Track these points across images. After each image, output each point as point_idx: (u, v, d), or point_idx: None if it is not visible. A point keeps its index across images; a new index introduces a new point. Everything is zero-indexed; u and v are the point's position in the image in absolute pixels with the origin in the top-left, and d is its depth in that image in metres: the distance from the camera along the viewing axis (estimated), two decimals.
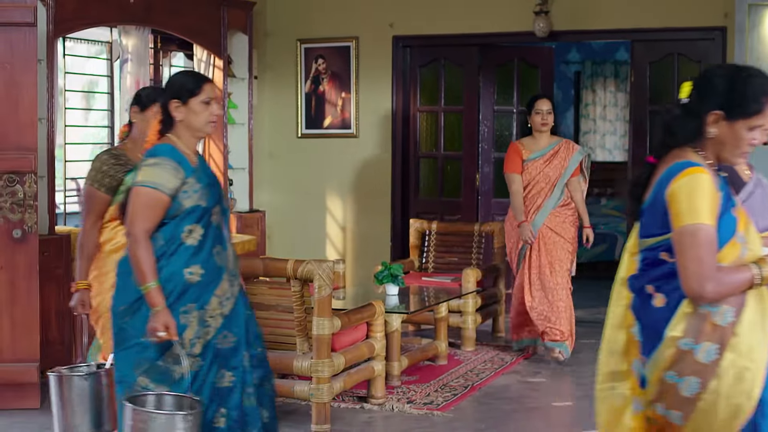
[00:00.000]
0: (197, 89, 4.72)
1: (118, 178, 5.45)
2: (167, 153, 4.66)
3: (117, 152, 5.60)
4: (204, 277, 4.64)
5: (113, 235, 5.44)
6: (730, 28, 9.75)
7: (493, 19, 10.51)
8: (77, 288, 5.52)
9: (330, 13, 11.08)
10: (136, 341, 4.61)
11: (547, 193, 8.52)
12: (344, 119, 11.09)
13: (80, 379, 5.18)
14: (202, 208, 4.65)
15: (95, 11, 8.48)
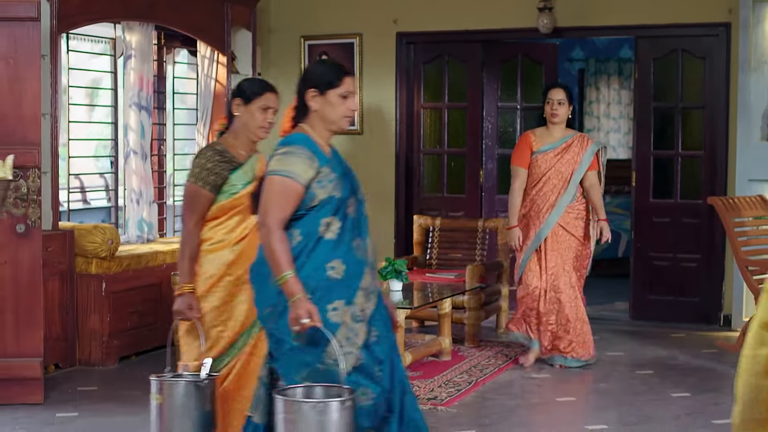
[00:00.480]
0: (337, 81, 4.50)
1: (224, 176, 5.14)
2: (301, 142, 4.44)
3: (220, 148, 5.22)
4: (346, 272, 4.38)
5: (212, 234, 5.18)
6: (734, 24, 9.74)
7: (496, 15, 10.50)
8: (182, 291, 5.15)
9: (334, 9, 11.08)
10: (289, 345, 4.35)
11: (560, 191, 8.09)
12: None
13: (184, 386, 4.82)
14: (337, 198, 4.41)
15: (99, 7, 8.47)
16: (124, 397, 7.35)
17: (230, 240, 5.16)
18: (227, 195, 5.14)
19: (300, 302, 4.22)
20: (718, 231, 9.82)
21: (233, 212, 5.18)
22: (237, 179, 5.15)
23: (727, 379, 8.00)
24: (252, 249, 4.91)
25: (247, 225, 5.17)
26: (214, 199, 5.17)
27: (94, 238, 8.08)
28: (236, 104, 5.25)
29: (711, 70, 10.00)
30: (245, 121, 5.21)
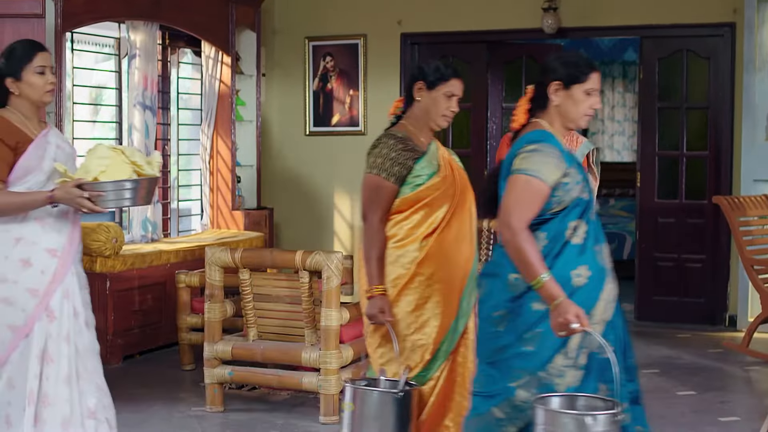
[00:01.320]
0: (584, 77, 4.22)
1: (408, 166, 4.79)
2: (549, 140, 4.15)
3: (401, 135, 4.86)
4: (591, 279, 4.08)
5: (396, 230, 4.83)
6: (739, 24, 9.74)
7: (501, 16, 10.49)
8: (372, 293, 4.79)
9: (338, 10, 11.07)
10: (514, 351, 4.09)
11: None
12: (352, 117, 11.08)
13: (381, 396, 4.57)
14: (585, 201, 4.14)
15: (103, 6, 8.48)
16: (128, 395, 7.33)
17: (417, 236, 4.81)
18: (412, 187, 4.80)
19: (566, 305, 3.91)
20: (722, 231, 9.80)
21: (419, 205, 4.81)
22: (422, 169, 4.81)
23: (733, 378, 8.00)
24: (443, 245, 4.77)
25: (433, 219, 4.81)
26: (398, 192, 4.82)
27: (98, 236, 8.07)
28: (418, 88, 4.90)
29: (716, 70, 9.99)
30: (427, 107, 4.89)
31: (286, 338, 6.78)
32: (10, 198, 4.69)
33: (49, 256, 4.79)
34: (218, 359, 6.84)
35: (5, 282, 4.74)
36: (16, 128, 4.78)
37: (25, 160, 4.76)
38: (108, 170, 4.68)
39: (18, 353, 4.76)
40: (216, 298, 6.87)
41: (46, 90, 4.83)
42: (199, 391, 7.36)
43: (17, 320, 4.74)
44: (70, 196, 4.61)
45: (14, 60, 4.80)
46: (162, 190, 9.82)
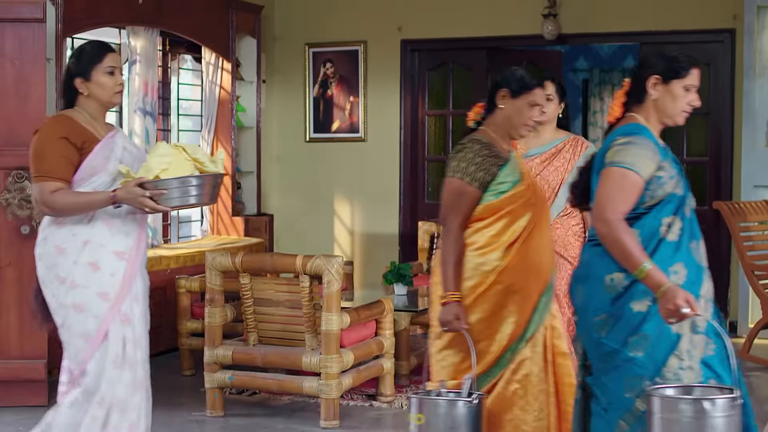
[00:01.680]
0: (684, 72, 4.18)
1: (493, 172, 4.69)
2: (644, 133, 4.10)
3: (486, 140, 4.78)
4: (688, 277, 4.02)
5: (476, 238, 4.72)
6: (739, 30, 9.75)
7: (501, 22, 10.51)
8: (448, 300, 4.68)
9: (338, 17, 11.09)
10: (622, 357, 3.99)
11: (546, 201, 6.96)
12: (352, 123, 11.09)
13: (450, 405, 4.43)
14: (679, 197, 4.08)
15: (104, 11, 8.50)
16: None
17: (499, 244, 4.70)
18: (495, 194, 4.70)
19: (673, 290, 3.83)
20: (723, 237, 9.80)
21: (501, 213, 4.72)
22: (506, 176, 4.72)
23: None
24: (524, 255, 4.68)
25: (516, 228, 4.71)
26: (480, 198, 4.72)
27: None
28: (502, 96, 4.80)
29: (716, 77, 10.00)
30: (510, 115, 4.80)
31: (287, 343, 6.78)
32: (73, 198, 4.60)
33: (117, 258, 4.70)
34: (218, 364, 6.84)
35: (75, 287, 4.64)
36: (82, 128, 4.71)
37: (90, 161, 4.67)
38: (170, 168, 4.56)
39: (95, 362, 4.68)
40: (216, 303, 6.86)
41: (116, 91, 4.78)
42: (199, 396, 7.34)
43: (90, 328, 4.65)
44: (131, 196, 4.50)
45: (84, 60, 4.73)
46: None
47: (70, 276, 4.63)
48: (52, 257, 4.66)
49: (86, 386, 4.70)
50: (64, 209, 4.60)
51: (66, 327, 4.71)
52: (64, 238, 4.66)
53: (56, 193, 4.58)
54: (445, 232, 4.77)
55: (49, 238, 4.69)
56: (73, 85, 4.76)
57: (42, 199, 4.61)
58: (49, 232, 4.70)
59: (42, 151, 4.66)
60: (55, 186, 4.59)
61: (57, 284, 4.66)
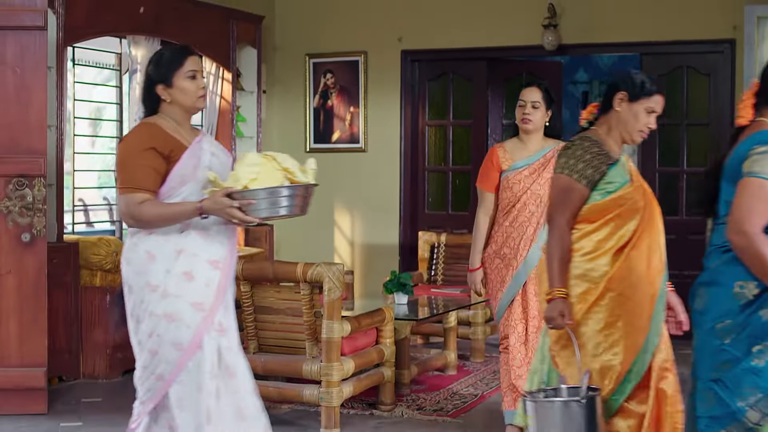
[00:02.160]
0: None
1: (602, 171, 4.53)
2: None
3: (596, 138, 4.62)
4: None
5: (583, 243, 4.56)
6: (739, 40, 9.76)
7: (501, 32, 10.51)
8: (555, 295, 4.48)
9: (338, 27, 11.10)
10: (743, 366, 3.89)
11: (539, 220, 6.23)
12: (353, 133, 11.09)
13: (564, 404, 4.30)
14: None
15: (105, 20, 8.52)
16: (129, 408, 7.22)
17: (607, 249, 4.53)
18: (603, 193, 4.53)
19: None
20: None
21: (610, 216, 4.54)
22: (615, 176, 4.55)
23: None
24: (634, 260, 4.49)
25: (624, 232, 4.52)
26: (588, 197, 4.55)
27: (98, 250, 8.06)
28: (619, 99, 4.63)
29: (716, 87, 10.01)
30: (625, 118, 4.62)
31: (287, 351, 6.77)
32: (160, 209, 4.47)
33: (211, 268, 4.58)
34: None
35: (167, 297, 4.49)
36: (169, 136, 4.57)
37: (179, 169, 4.54)
38: (259, 178, 4.39)
39: (186, 373, 4.53)
40: None
41: (199, 95, 4.64)
42: None
43: (182, 337, 4.50)
44: (219, 206, 4.36)
45: (164, 66, 4.60)
46: None
47: (162, 285, 4.49)
48: (143, 263, 4.52)
49: (179, 397, 4.56)
50: (151, 221, 4.47)
51: (156, 335, 4.53)
52: (156, 244, 4.53)
53: (143, 205, 4.45)
54: (551, 228, 4.59)
55: (139, 243, 4.55)
56: (154, 92, 4.63)
57: (129, 211, 4.48)
58: (139, 238, 4.56)
59: (128, 161, 4.53)
60: (142, 197, 4.46)
61: (147, 291, 4.52)
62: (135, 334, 4.63)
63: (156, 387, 4.60)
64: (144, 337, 4.57)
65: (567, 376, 4.50)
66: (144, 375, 4.62)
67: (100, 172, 9.88)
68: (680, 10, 9.97)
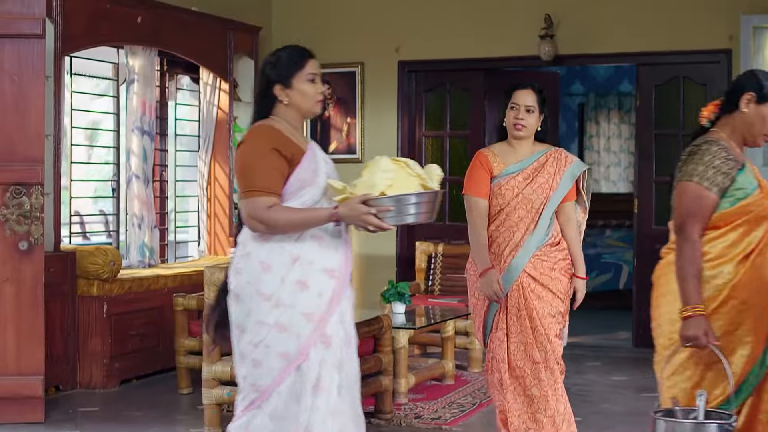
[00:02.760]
0: None
1: (732, 177, 4.36)
2: None
3: (722, 142, 4.45)
4: None
5: (708, 248, 4.37)
6: (735, 50, 9.77)
7: (498, 43, 10.53)
8: (694, 313, 4.25)
9: (335, 38, 11.11)
10: None
11: (528, 226, 5.72)
12: (350, 144, 11.10)
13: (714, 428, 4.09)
14: None
15: (103, 30, 8.51)
16: (126, 417, 7.30)
17: (732, 256, 4.35)
18: (732, 200, 4.36)
19: None
20: None
21: (738, 222, 4.37)
22: (744, 182, 4.38)
23: None
24: (760, 268, 4.33)
25: (752, 239, 4.37)
26: (717, 205, 4.36)
27: (95, 259, 8.05)
28: (747, 99, 4.46)
29: (712, 97, 9.92)
30: (752, 121, 4.47)
31: None
32: (292, 214, 4.25)
33: (326, 277, 4.33)
34: (217, 380, 6.79)
35: (280, 306, 4.28)
36: (288, 139, 4.37)
37: (299, 174, 4.33)
38: (394, 184, 4.21)
39: (287, 385, 4.32)
40: None
41: (317, 99, 4.49)
42: (196, 414, 7.31)
43: (289, 348, 4.28)
44: (355, 213, 4.13)
45: (284, 66, 4.43)
46: (159, 216, 9.81)
47: (275, 294, 4.29)
48: (256, 273, 4.31)
49: (275, 408, 4.34)
50: (281, 227, 4.26)
51: (264, 345, 4.30)
52: (271, 253, 4.30)
53: (273, 209, 4.24)
54: (681, 240, 4.36)
55: (253, 253, 4.32)
56: (271, 92, 4.45)
57: (257, 216, 4.23)
58: (253, 247, 4.33)
59: (254, 163, 4.31)
60: (271, 201, 4.25)
61: (259, 300, 4.31)
62: (237, 343, 4.41)
63: (251, 397, 4.39)
64: (248, 347, 4.35)
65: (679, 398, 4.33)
66: (244, 385, 4.41)
67: (97, 183, 9.87)
68: (676, 20, 9.99)
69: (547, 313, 5.66)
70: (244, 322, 4.35)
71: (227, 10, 10.17)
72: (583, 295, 5.80)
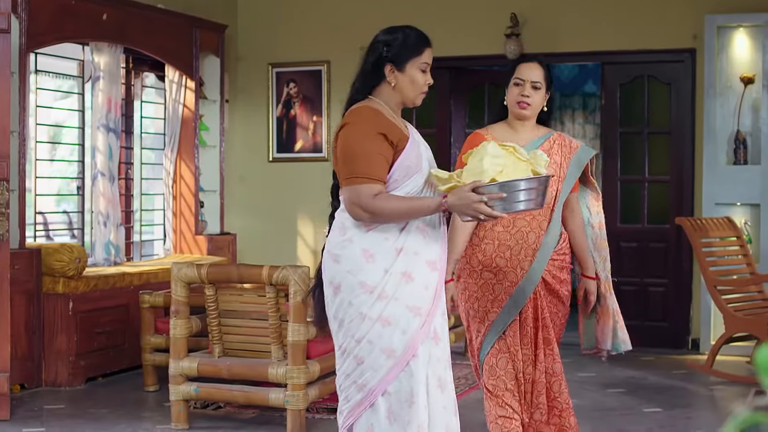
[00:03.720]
0: None
1: None
2: None
3: None
4: None
5: None
6: (699, 49, 9.86)
7: (464, 42, 10.55)
8: None
9: (301, 37, 11.10)
10: None
11: (542, 224, 5.06)
12: (315, 143, 11.09)
13: None
14: None
15: (68, 27, 8.46)
16: (92, 414, 7.26)
17: None
18: None
19: None
20: (685, 255, 9.88)
21: None
22: None
23: (697, 397, 8.03)
24: None
25: None
26: None
27: (61, 256, 8.00)
28: None
29: (677, 96, 10.09)
30: None
31: (253, 354, 6.73)
32: (400, 203, 4.03)
33: (429, 269, 4.16)
34: (183, 376, 6.77)
35: (383, 299, 4.07)
36: (393, 123, 4.16)
37: (403, 160, 4.13)
38: (505, 170, 4.03)
39: (398, 383, 4.10)
40: (181, 315, 6.81)
41: (423, 90, 4.28)
42: (163, 411, 7.29)
43: (395, 344, 4.07)
44: (466, 202, 3.91)
45: (401, 47, 4.23)
46: (124, 213, 9.77)
47: (379, 286, 4.08)
48: (358, 262, 4.10)
49: (388, 407, 4.14)
50: (388, 215, 4.04)
51: (366, 341, 4.10)
52: (375, 242, 4.12)
53: (379, 197, 4.03)
54: None
55: (355, 240, 4.13)
56: (381, 70, 4.25)
57: (362, 204, 4.03)
58: (354, 233, 4.14)
59: (358, 148, 4.09)
60: (376, 189, 4.04)
61: (360, 292, 4.10)
62: (336, 337, 4.23)
63: (357, 398, 4.18)
64: (350, 342, 4.16)
65: None
66: (345, 383, 4.21)
67: (61, 182, 9.80)
68: (641, 19, 10.06)
69: (558, 323, 5.21)
70: (343, 315, 4.16)
71: (193, 7, 10.15)
72: (595, 296, 5.28)
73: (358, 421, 4.19)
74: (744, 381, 8.37)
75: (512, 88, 5.10)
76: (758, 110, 9.69)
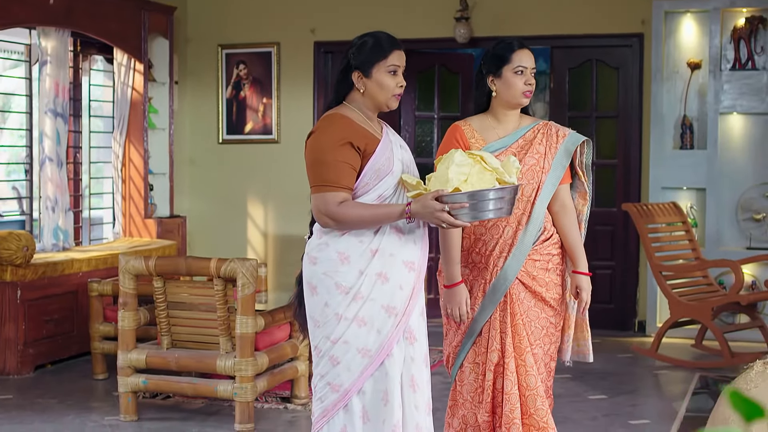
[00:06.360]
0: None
1: None
2: None
3: None
4: None
5: None
6: (647, 34, 9.93)
7: (414, 25, 10.56)
8: None
9: (251, 18, 11.06)
10: None
11: (521, 219, 4.69)
12: (265, 125, 11.07)
13: None
14: None
15: (14, 11, 8.39)
16: (40, 405, 7.24)
17: None
18: None
19: None
20: (632, 238, 9.98)
21: None
22: None
23: (642, 382, 8.12)
24: None
25: None
26: None
27: (8, 245, 7.96)
28: None
29: (625, 80, 10.17)
30: None
31: (201, 346, 6.74)
32: (363, 211, 4.11)
33: (406, 270, 4.22)
34: (132, 368, 6.78)
35: (358, 299, 4.14)
36: (361, 128, 4.22)
37: (374, 163, 4.19)
38: (469, 179, 4.06)
39: (373, 381, 4.18)
40: (129, 306, 6.81)
41: (395, 93, 4.33)
42: (112, 401, 7.29)
43: (370, 343, 4.14)
44: (428, 210, 3.99)
45: (366, 54, 4.30)
46: (73, 198, 9.72)
47: (354, 287, 4.15)
48: (334, 264, 4.17)
49: (363, 406, 4.20)
50: (352, 223, 4.12)
51: (342, 342, 4.15)
52: (350, 244, 4.17)
53: (343, 205, 4.12)
54: None
55: (330, 243, 4.19)
56: (349, 78, 4.32)
57: (327, 211, 4.11)
58: (330, 237, 4.20)
59: (324, 157, 4.15)
60: (342, 197, 4.13)
61: (336, 293, 4.16)
62: (313, 337, 4.28)
63: (331, 399, 4.23)
64: (325, 343, 4.21)
65: None
66: (320, 384, 4.26)
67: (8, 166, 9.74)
68: (590, 4, 10.12)
69: (538, 332, 4.74)
70: (319, 315, 4.22)
71: None
72: (589, 295, 4.88)
73: (332, 423, 4.23)
74: (688, 366, 8.50)
75: (514, 77, 4.69)
76: (704, 95, 9.78)
